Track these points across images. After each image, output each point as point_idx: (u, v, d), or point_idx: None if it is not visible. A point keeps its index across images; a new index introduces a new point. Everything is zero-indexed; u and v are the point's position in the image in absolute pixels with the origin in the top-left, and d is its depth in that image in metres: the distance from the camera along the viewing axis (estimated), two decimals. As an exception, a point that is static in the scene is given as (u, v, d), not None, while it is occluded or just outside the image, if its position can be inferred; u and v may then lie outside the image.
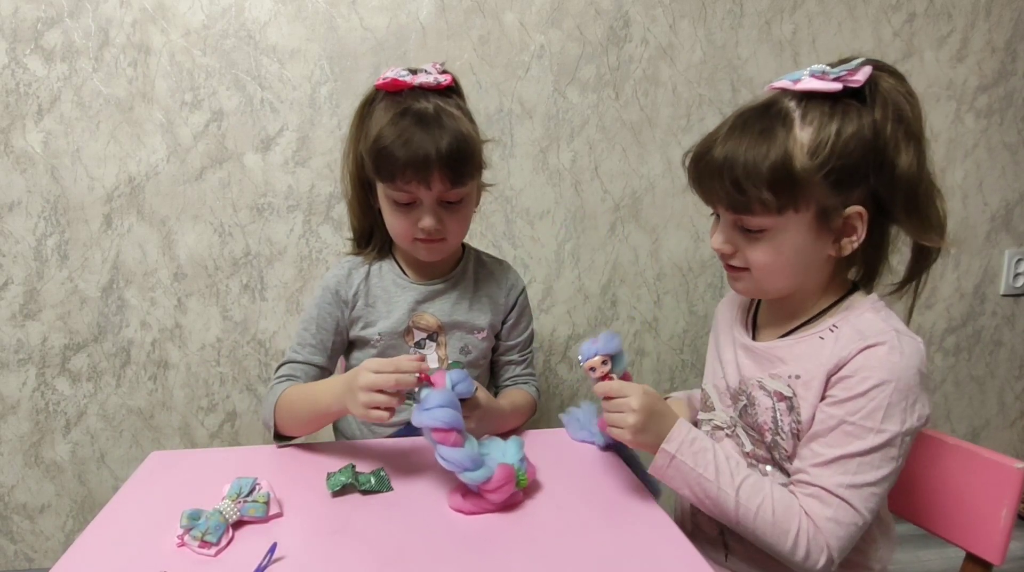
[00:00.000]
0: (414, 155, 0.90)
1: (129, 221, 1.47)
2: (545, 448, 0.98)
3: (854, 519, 0.73)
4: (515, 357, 1.14)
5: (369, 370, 0.82)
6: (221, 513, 0.74)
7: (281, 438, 0.99)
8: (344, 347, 1.09)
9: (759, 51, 1.56)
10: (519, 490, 0.81)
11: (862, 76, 0.72)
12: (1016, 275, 1.74)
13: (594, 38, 1.52)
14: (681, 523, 0.93)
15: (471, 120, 1.00)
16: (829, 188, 0.73)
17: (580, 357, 0.83)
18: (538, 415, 1.66)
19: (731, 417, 0.88)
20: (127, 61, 1.41)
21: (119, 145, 1.44)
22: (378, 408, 0.81)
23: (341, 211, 1.51)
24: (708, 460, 0.78)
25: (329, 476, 0.84)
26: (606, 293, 1.64)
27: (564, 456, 0.95)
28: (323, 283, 1.07)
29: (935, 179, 0.77)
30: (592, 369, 0.81)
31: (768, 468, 0.84)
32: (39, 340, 1.51)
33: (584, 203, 1.58)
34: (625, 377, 0.83)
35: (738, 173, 0.73)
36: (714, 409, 0.92)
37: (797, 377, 0.79)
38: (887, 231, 0.80)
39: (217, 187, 1.48)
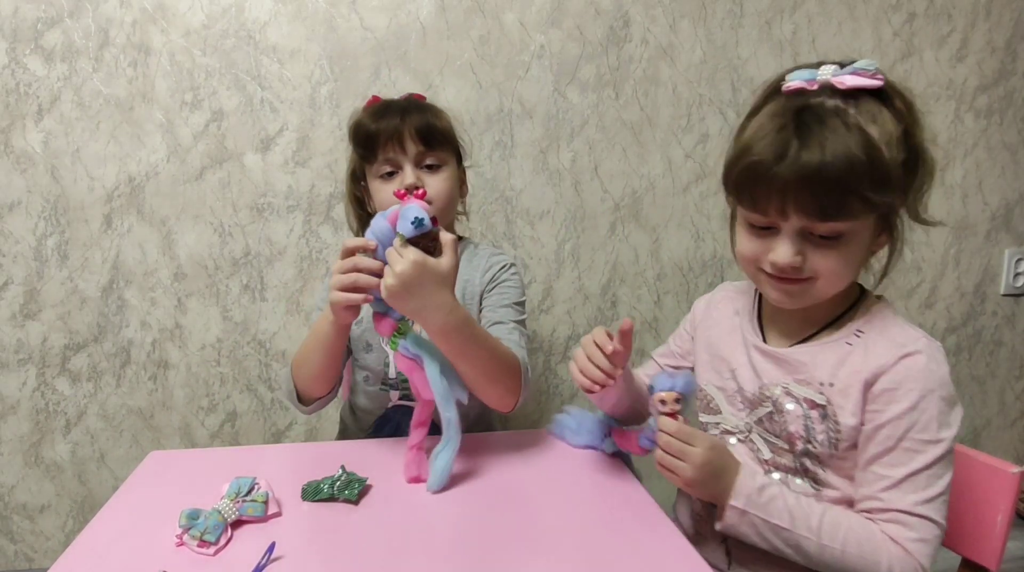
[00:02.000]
0: (385, 123, 1.03)
1: (129, 221, 1.47)
2: (544, 449, 0.98)
3: (936, 532, 0.73)
4: (492, 316, 1.06)
5: (334, 273, 0.85)
6: (220, 512, 0.74)
7: (305, 402, 1.03)
8: None
9: (759, 51, 1.56)
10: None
11: (882, 76, 0.73)
12: (1016, 275, 1.74)
13: (594, 38, 1.52)
14: (681, 528, 0.91)
15: (448, 116, 1.11)
16: (905, 182, 0.73)
17: (652, 385, 0.78)
18: (538, 415, 1.67)
19: (745, 423, 0.86)
20: (127, 61, 1.42)
21: (119, 145, 1.44)
22: (345, 289, 0.83)
23: (341, 211, 1.51)
24: (781, 508, 0.74)
25: (305, 490, 0.84)
26: (606, 293, 1.64)
27: (563, 457, 0.95)
28: (332, 270, 1.15)
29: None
30: (663, 402, 0.76)
31: (789, 477, 0.81)
32: (39, 340, 1.51)
33: (584, 203, 1.58)
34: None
35: (840, 172, 0.68)
36: (720, 412, 0.89)
37: (830, 385, 0.78)
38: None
39: (217, 187, 1.48)
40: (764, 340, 0.87)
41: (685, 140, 1.58)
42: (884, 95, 0.73)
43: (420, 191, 0.80)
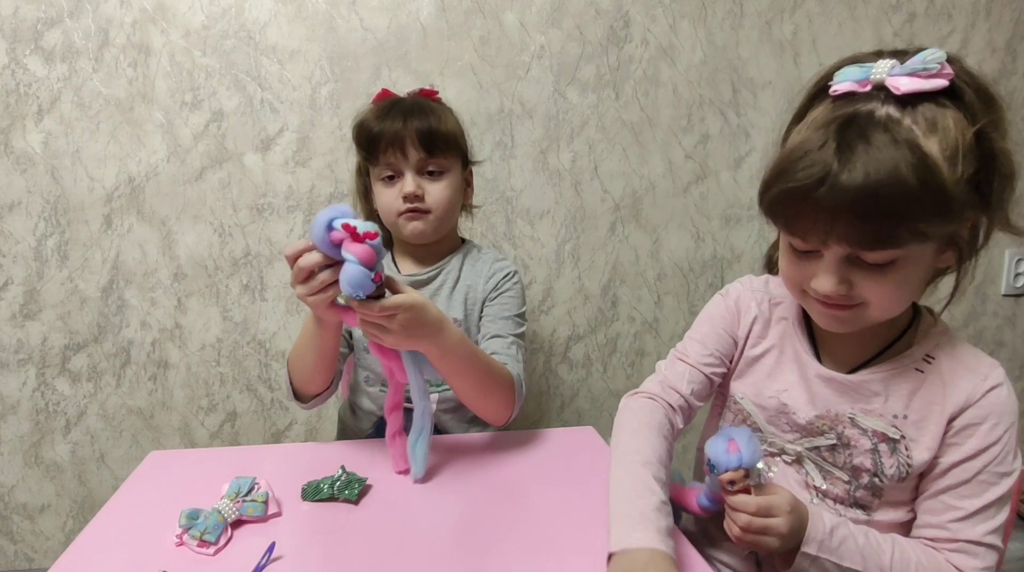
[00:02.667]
0: (388, 126, 1.02)
1: (129, 221, 1.47)
2: (543, 449, 0.98)
3: (997, 557, 0.72)
4: (491, 328, 1.06)
5: (293, 284, 0.82)
6: (220, 512, 0.74)
7: (303, 399, 1.02)
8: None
9: (759, 51, 1.56)
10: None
11: (950, 69, 0.63)
12: (1017, 275, 1.74)
13: (594, 38, 1.52)
14: (705, 533, 0.89)
15: (455, 118, 1.10)
16: (967, 197, 0.63)
17: (711, 460, 0.70)
18: (538, 415, 1.67)
19: (795, 449, 0.80)
20: (127, 61, 1.42)
21: (119, 145, 1.44)
22: (309, 294, 0.80)
23: (341, 211, 1.51)
24: (852, 549, 0.70)
25: (305, 491, 0.84)
26: (606, 293, 1.64)
27: (562, 457, 0.95)
28: None
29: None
30: (732, 483, 0.69)
31: (839, 506, 0.78)
32: (39, 340, 1.51)
33: (584, 203, 1.58)
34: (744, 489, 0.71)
35: (885, 200, 0.60)
36: (760, 431, 0.83)
37: (904, 417, 0.73)
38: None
39: (217, 187, 1.48)
40: (818, 359, 0.80)
41: (685, 140, 1.58)
42: (953, 90, 0.63)
43: (371, 232, 0.73)
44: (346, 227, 0.72)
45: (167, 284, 1.51)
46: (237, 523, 0.76)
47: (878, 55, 0.66)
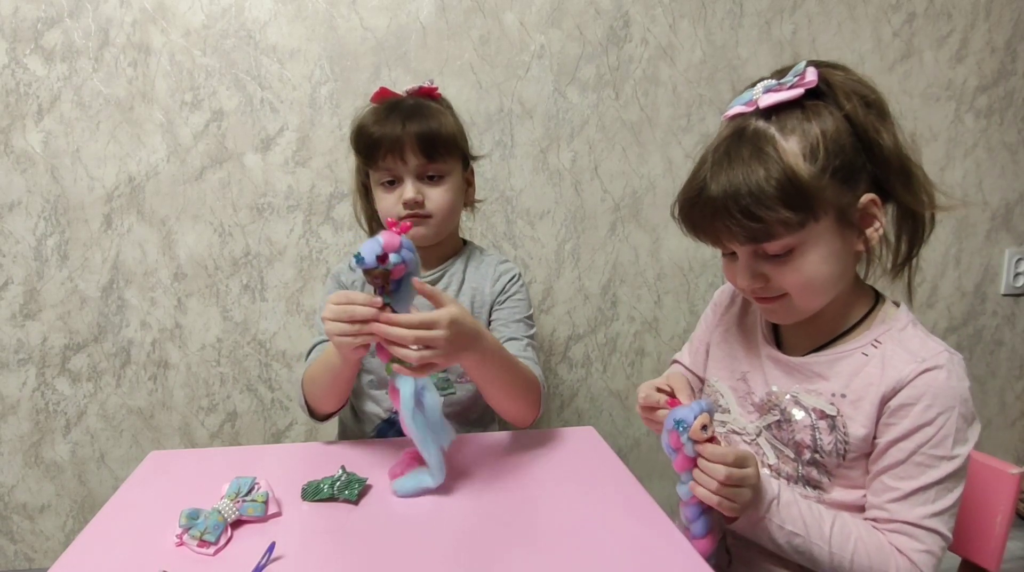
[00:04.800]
0: (387, 131, 1.00)
1: (129, 221, 1.47)
2: (543, 448, 0.98)
3: (942, 544, 0.73)
4: (505, 332, 1.06)
5: (330, 302, 0.82)
6: (220, 512, 0.74)
7: (317, 416, 1.03)
8: None
9: (759, 51, 1.56)
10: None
11: (813, 76, 0.72)
12: (1016, 274, 1.74)
13: (594, 38, 1.52)
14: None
15: (455, 118, 1.09)
16: (838, 186, 0.72)
17: (680, 421, 0.72)
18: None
19: (755, 426, 0.85)
20: (127, 61, 1.42)
21: (119, 145, 1.44)
22: (342, 335, 0.81)
23: (341, 211, 1.51)
24: (795, 515, 0.74)
25: (305, 490, 0.84)
26: (606, 293, 1.64)
27: (563, 458, 0.95)
28: (332, 272, 1.17)
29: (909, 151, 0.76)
30: (704, 427, 0.71)
31: (791, 485, 0.81)
32: (39, 340, 1.51)
33: (584, 203, 1.58)
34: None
35: (746, 202, 0.70)
36: (729, 411, 0.89)
37: (842, 396, 0.77)
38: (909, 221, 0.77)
39: (217, 187, 1.48)
40: (779, 344, 0.86)
41: (685, 140, 1.58)
42: (822, 92, 0.73)
43: (405, 225, 0.79)
44: (390, 223, 0.80)
45: (167, 284, 1.51)
46: (237, 523, 0.76)
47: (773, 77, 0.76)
